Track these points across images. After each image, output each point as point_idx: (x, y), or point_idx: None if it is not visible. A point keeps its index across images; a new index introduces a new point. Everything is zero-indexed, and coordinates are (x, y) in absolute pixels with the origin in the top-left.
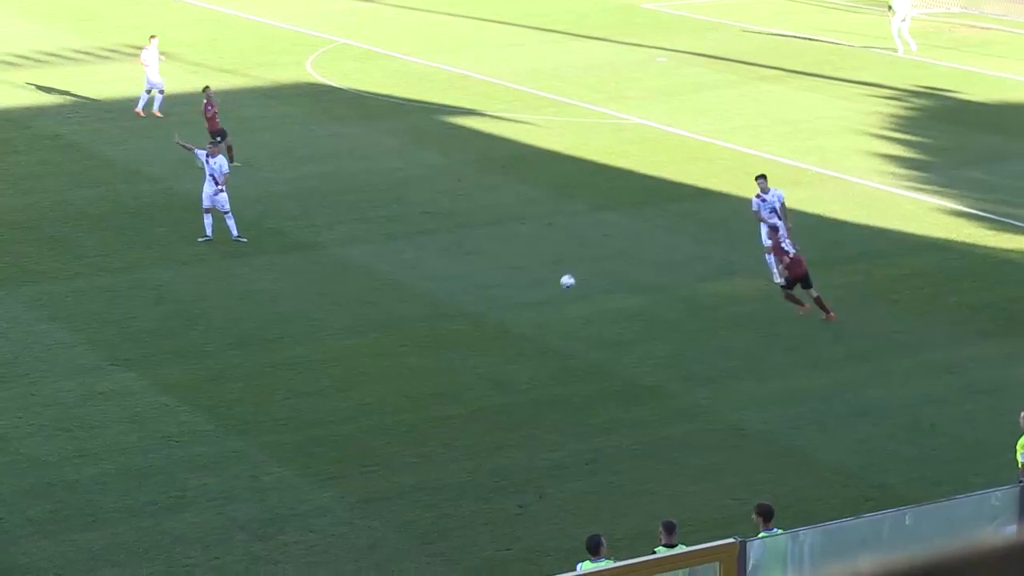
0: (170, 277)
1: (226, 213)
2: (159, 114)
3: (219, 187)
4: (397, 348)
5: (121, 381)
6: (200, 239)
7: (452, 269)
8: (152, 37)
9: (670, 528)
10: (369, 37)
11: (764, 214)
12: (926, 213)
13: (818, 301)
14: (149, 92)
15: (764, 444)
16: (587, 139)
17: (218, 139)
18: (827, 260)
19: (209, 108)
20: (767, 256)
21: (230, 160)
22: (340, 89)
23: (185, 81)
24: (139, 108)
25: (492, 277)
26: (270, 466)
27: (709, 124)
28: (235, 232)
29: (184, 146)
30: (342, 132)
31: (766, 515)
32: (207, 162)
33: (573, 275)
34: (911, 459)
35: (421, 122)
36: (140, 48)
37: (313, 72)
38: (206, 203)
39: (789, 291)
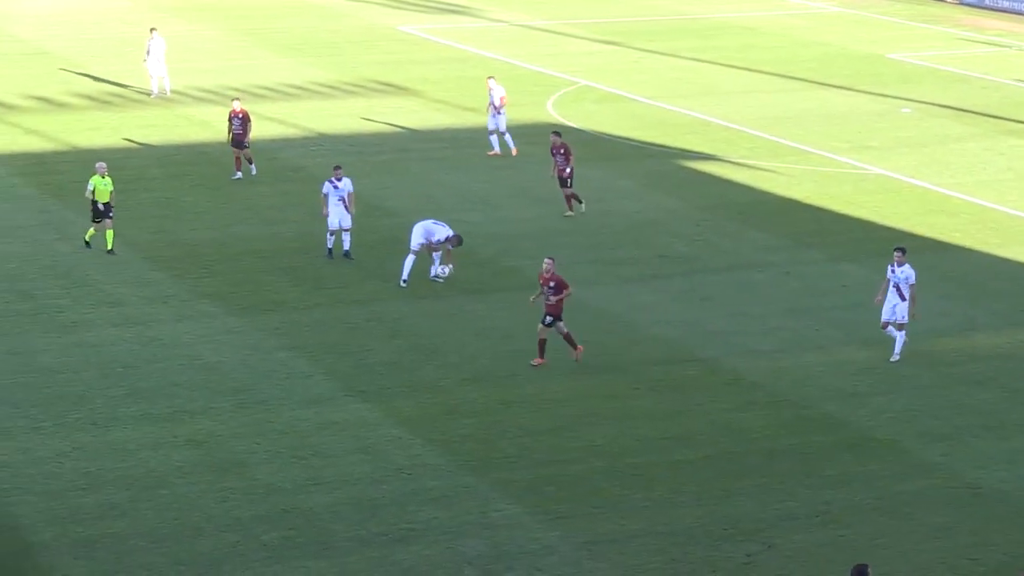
0: (407, 311)
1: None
2: (514, 152)
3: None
4: (629, 390)
5: (356, 412)
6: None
7: (687, 314)
8: (490, 77)
9: None
10: (611, 80)
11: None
12: None
13: (567, 337)
14: (493, 133)
15: (1001, 503)
16: (827, 188)
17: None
18: None
19: (561, 160)
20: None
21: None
22: (580, 130)
23: (427, 119)
24: (496, 150)
25: (727, 323)
26: (500, 503)
27: (952, 177)
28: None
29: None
30: (580, 173)
31: None
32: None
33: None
34: None
35: (660, 166)
36: (385, 84)
37: (554, 112)
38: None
39: (548, 329)
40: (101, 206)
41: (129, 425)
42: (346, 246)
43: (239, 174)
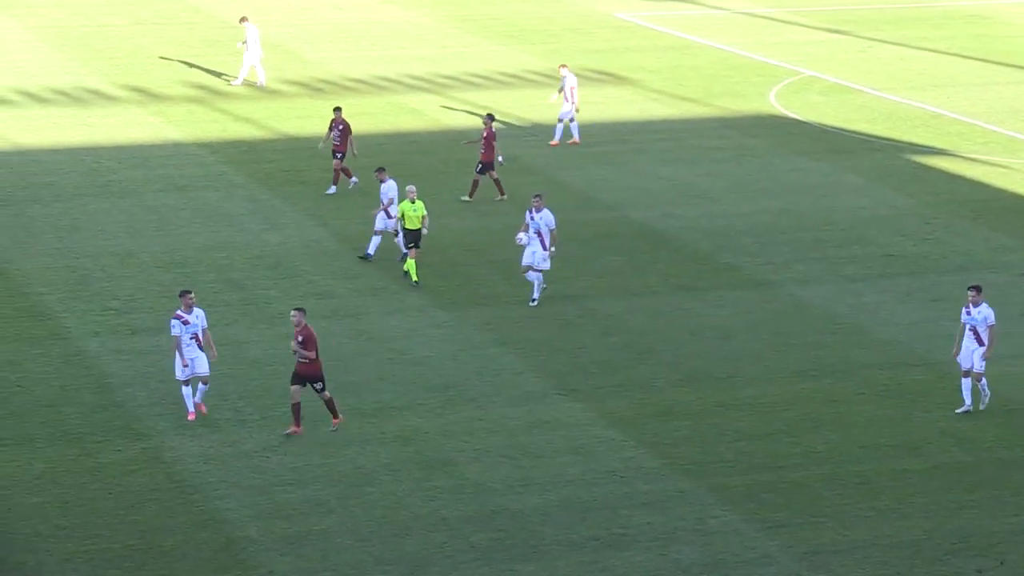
0: (620, 308)
1: (538, 273)
2: (563, 142)
3: (548, 249)
4: (853, 395)
5: (568, 411)
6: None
7: (915, 316)
8: (562, 66)
9: None
10: (837, 70)
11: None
12: None
13: (329, 403)
14: (562, 121)
15: None
16: None
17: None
18: None
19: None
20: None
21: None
22: (804, 122)
23: (645, 109)
24: (556, 140)
25: (957, 326)
26: (716, 509)
27: None
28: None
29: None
30: (804, 167)
31: None
32: (532, 218)
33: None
34: None
35: (888, 160)
36: (601, 72)
37: (776, 104)
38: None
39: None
40: (413, 232)
41: None
42: (369, 248)
43: (335, 188)
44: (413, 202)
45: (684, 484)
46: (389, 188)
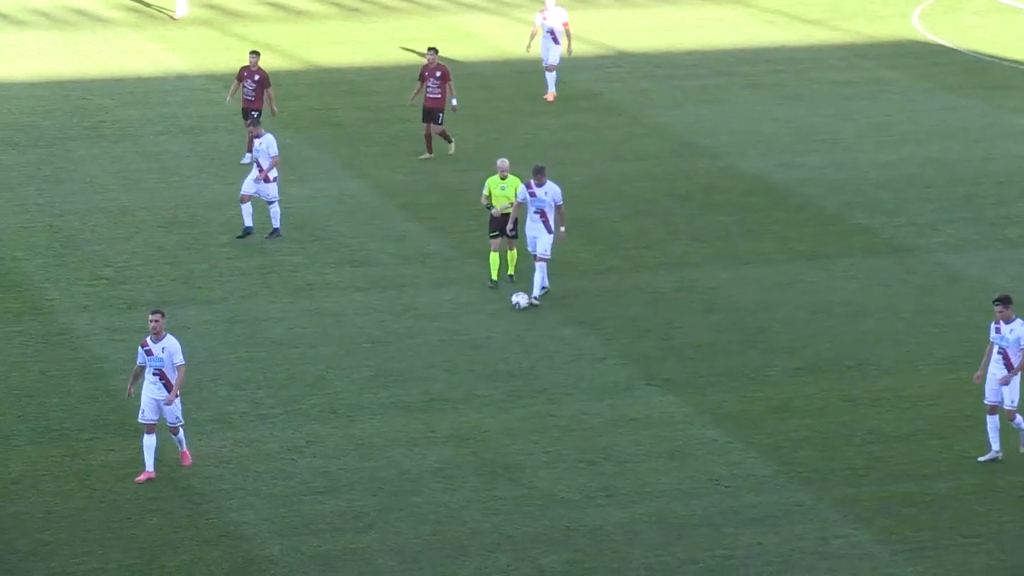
0: (726, 279)
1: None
2: (549, 96)
3: (554, 232)
4: None
5: (660, 406)
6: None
7: None
8: None
9: None
10: None
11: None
12: None
13: None
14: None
15: None
16: None
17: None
18: None
19: (433, 86)
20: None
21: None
22: (955, 50)
23: (756, 34)
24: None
25: None
26: (842, 527)
27: None
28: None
29: None
30: (955, 106)
31: None
32: (531, 194)
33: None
34: None
35: None
36: None
37: (920, 27)
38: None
39: None
40: (499, 215)
41: (377, 415)
42: (274, 222)
43: (249, 156)
44: (504, 178)
45: (803, 496)
46: (270, 144)
